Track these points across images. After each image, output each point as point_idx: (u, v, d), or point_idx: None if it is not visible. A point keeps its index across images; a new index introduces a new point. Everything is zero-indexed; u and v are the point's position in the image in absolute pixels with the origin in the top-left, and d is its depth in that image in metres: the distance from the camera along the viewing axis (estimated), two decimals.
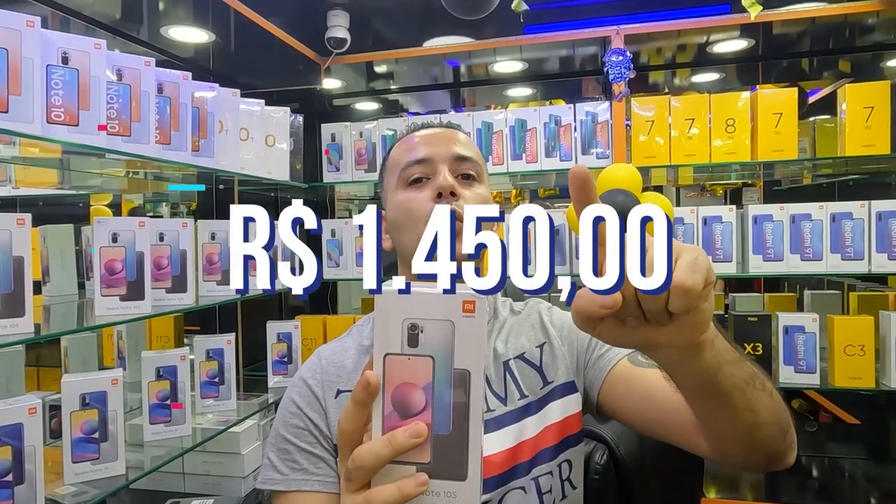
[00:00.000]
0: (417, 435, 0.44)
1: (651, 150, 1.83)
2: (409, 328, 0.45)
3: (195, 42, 1.90)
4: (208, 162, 1.48)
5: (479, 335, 0.45)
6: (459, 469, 0.45)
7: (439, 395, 0.45)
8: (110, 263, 1.25)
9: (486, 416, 0.84)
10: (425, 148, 0.87)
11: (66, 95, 1.12)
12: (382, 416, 0.46)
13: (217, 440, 1.60)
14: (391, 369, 0.45)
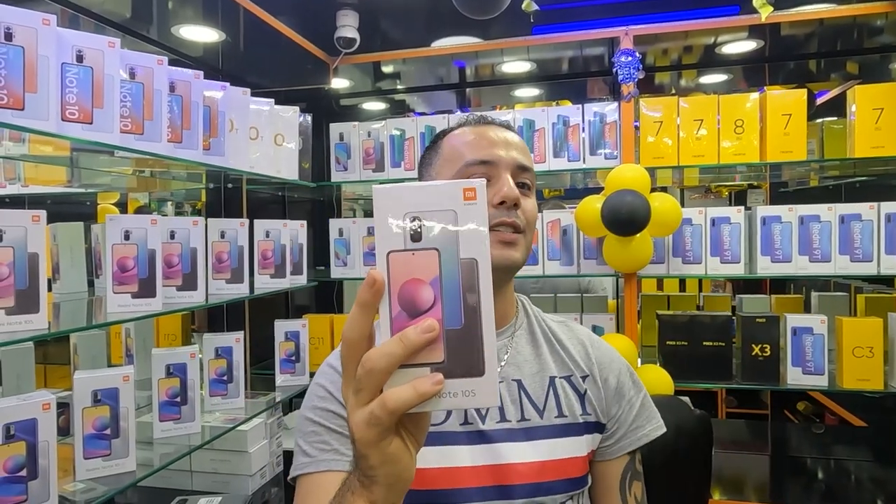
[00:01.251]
0: (429, 330, 0.41)
1: (659, 151, 1.83)
2: (410, 221, 0.43)
3: (205, 41, 1.90)
4: (219, 160, 1.49)
5: (483, 222, 0.43)
6: (476, 364, 0.43)
7: (448, 289, 0.43)
8: (122, 261, 1.25)
9: (519, 425, 0.84)
10: (492, 150, 0.86)
11: (80, 93, 1.12)
12: (390, 317, 0.43)
13: (224, 438, 1.61)
14: (396, 267, 0.43)
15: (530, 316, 0.95)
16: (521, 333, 0.91)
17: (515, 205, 0.83)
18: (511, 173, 0.85)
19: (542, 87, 2.52)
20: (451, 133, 0.92)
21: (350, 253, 2.08)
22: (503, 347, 0.90)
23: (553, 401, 0.87)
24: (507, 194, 0.82)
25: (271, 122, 1.75)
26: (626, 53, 1.74)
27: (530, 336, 0.92)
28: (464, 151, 0.86)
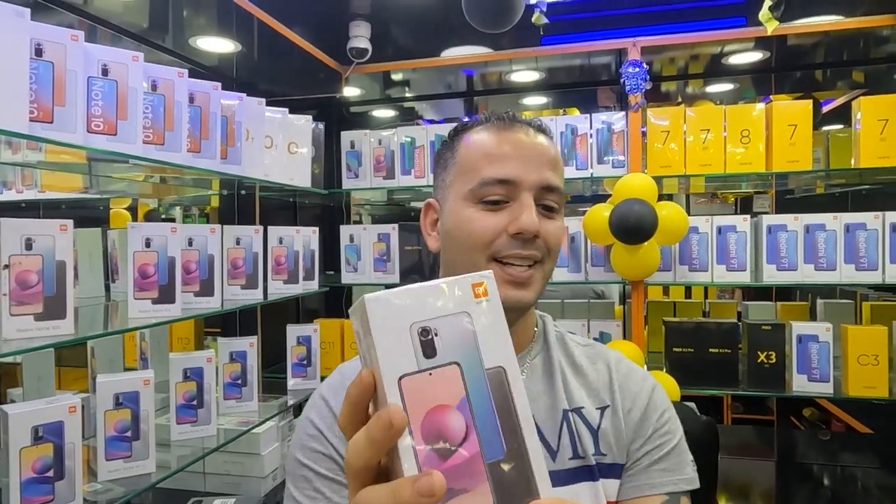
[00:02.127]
0: (429, 493, 0.32)
1: (666, 160, 1.85)
2: (419, 335, 0.36)
3: (220, 51, 1.94)
4: (236, 169, 1.53)
5: (501, 319, 0.38)
6: (530, 489, 0.36)
7: (480, 411, 0.36)
8: (143, 267, 1.29)
9: None
10: (513, 165, 0.74)
11: (105, 106, 1.16)
12: (417, 460, 0.35)
13: (238, 441, 1.64)
14: (412, 394, 0.35)
15: (550, 341, 0.84)
16: (535, 363, 0.82)
17: (536, 236, 0.73)
18: (535, 194, 0.74)
19: (550, 95, 2.55)
20: (469, 132, 0.79)
21: (361, 259, 2.12)
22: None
23: (567, 438, 0.76)
24: (524, 225, 0.71)
25: (285, 130, 1.79)
26: (634, 64, 1.77)
27: (546, 365, 0.82)
28: (480, 164, 0.75)
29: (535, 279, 0.74)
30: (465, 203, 0.75)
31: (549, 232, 0.75)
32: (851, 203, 2.87)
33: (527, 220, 0.71)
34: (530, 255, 0.73)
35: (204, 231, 1.45)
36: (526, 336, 0.83)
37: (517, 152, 0.75)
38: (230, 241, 1.64)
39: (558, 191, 0.76)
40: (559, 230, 0.77)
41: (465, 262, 0.75)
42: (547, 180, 0.75)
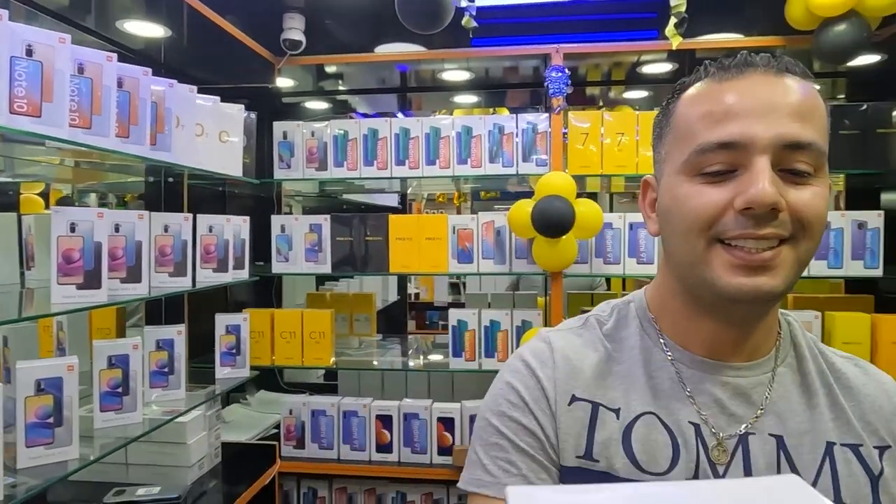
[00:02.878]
0: None
1: (585, 160, 1.99)
2: None
3: (147, 35, 1.91)
4: (165, 156, 1.52)
5: None
6: None
7: None
8: (68, 252, 1.27)
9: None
10: (739, 123, 0.57)
11: (29, 87, 1.14)
12: None
13: (163, 430, 1.63)
14: None
15: (800, 346, 0.68)
16: (784, 371, 0.66)
17: (774, 209, 0.56)
18: (774, 157, 0.57)
19: (480, 94, 2.65)
20: (687, 91, 0.65)
21: (292, 249, 2.13)
22: (758, 386, 0.64)
23: (828, 479, 0.60)
24: (753, 197, 0.56)
25: (216, 118, 1.78)
26: (557, 69, 1.89)
27: (800, 376, 0.66)
28: (698, 127, 0.60)
29: (779, 261, 0.57)
30: (681, 177, 0.61)
31: (801, 203, 0.57)
32: None
33: (757, 190, 0.55)
34: (767, 235, 0.57)
35: (132, 217, 1.44)
36: (768, 337, 0.67)
37: (746, 105, 0.58)
38: (158, 229, 1.63)
39: (810, 148, 0.57)
40: (816, 199, 0.58)
41: (683, 248, 0.61)
42: (789, 136, 0.57)
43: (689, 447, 0.63)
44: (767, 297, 0.59)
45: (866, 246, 1.88)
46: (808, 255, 0.59)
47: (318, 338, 2.12)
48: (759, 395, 0.64)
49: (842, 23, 1.61)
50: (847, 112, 1.90)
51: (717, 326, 0.65)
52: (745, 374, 0.65)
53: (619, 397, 0.66)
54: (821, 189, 0.59)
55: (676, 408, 0.64)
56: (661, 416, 0.64)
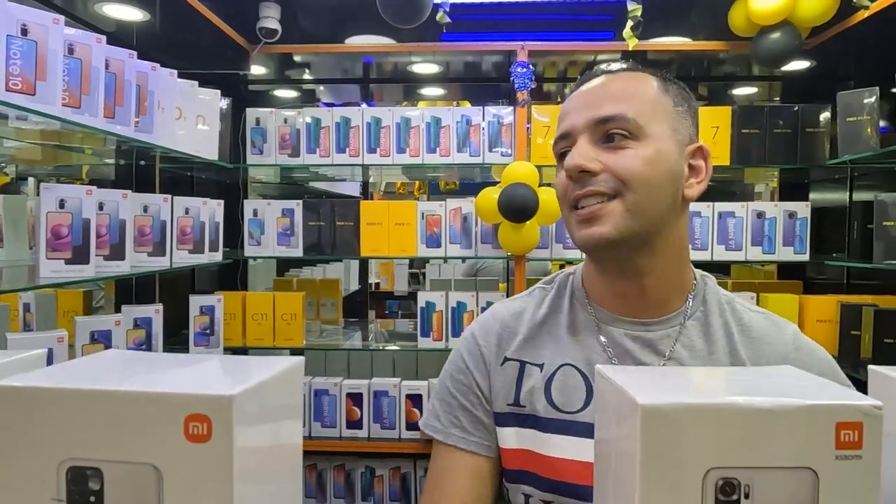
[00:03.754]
0: None
1: (547, 152, 2.12)
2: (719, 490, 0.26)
3: (121, 18, 1.92)
4: (148, 137, 1.56)
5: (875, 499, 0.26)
6: None
7: None
8: (56, 228, 1.31)
9: None
10: (570, 117, 0.75)
11: (24, 66, 1.18)
12: None
13: None
14: None
15: (709, 302, 0.78)
16: (692, 324, 0.77)
17: (585, 171, 0.70)
18: (589, 135, 0.72)
19: (446, 87, 2.75)
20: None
21: (264, 233, 2.19)
22: (665, 339, 0.76)
23: None
24: (567, 165, 0.72)
25: (193, 102, 1.82)
26: (522, 65, 2.01)
27: (704, 328, 0.77)
28: (558, 127, 0.78)
29: (606, 212, 0.70)
30: (558, 164, 0.78)
31: (615, 163, 0.70)
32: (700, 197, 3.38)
33: (568, 160, 0.72)
34: (588, 192, 0.71)
35: (116, 196, 1.48)
36: (677, 297, 0.77)
37: (575, 103, 0.75)
38: (137, 209, 1.66)
39: (618, 118, 0.71)
40: (629, 158, 0.70)
41: (563, 218, 0.79)
42: (599, 114, 0.71)
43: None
44: (602, 242, 0.71)
45: (796, 234, 2.09)
46: (636, 205, 0.71)
47: (289, 319, 2.19)
48: (665, 345, 0.76)
49: (776, 31, 1.79)
50: (781, 112, 2.10)
51: (609, 280, 0.79)
52: (654, 328, 0.77)
53: (545, 354, 0.81)
54: (641, 150, 0.71)
55: (594, 358, 0.77)
56: (579, 366, 0.78)
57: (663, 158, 0.72)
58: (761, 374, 0.39)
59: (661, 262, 0.75)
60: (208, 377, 0.40)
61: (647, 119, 0.72)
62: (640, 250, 0.74)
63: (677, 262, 0.77)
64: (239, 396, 0.33)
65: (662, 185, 0.72)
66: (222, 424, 0.33)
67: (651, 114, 0.73)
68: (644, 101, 0.74)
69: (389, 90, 3.08)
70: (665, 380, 0.35)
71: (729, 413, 0.27)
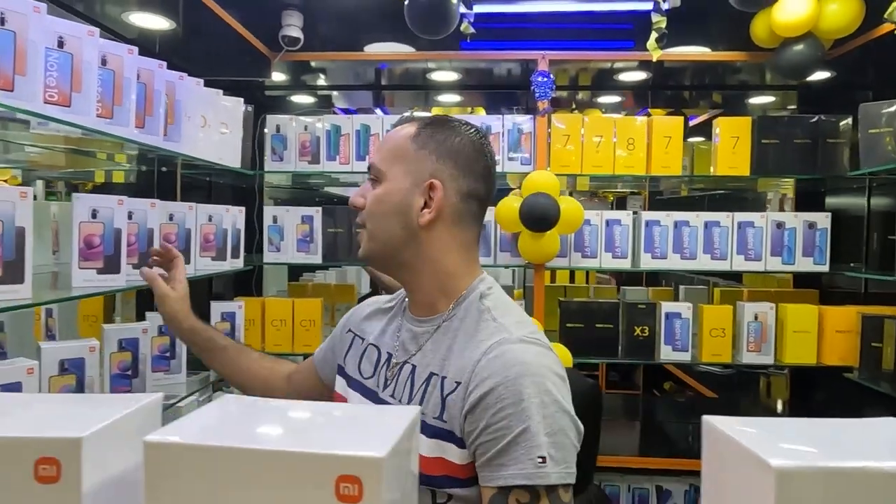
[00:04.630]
0: None
1: (566, 160, 2.13)
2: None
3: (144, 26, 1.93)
4: (175, 147, 1.57)
5: None
6: None
7: None
8: (89, 238, 1.32)
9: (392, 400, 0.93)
10: None
11: (60, 78, 1.18)
12: None
13: None
14: None
15: (462, 308, 0.92)
16: (446, 325, 0.92)
17: (356, 206, 0.96)
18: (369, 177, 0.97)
19: (462, 94, 2.76)
20: None
21: (284, 239, 2.19)
22: (424, 333, 0.93)
23: (419, 396, 0.88)
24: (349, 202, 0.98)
25: (217, 110, 1.83)
26: (543, 74, 2.02)
27: (445, 328, 0.92)
28: None
29: (362, 238, 0.96)
30: None
31: (367, 202, 0.94)
32: (708, 204, 3.38)
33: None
34: (357, 222, 0.97)
35: (145, 205, 1.49)
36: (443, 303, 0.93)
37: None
38: (163, 217, 1.67)
39: (371, 166, 0.96)
40: (371, 197, 0.94)
41: None
42: (368, 163, 1.00)
43: (380, 365, 0.99)
44: (361, 259, 0.99)
45: (815, 244, 2.09)
46: (372, 233, 0.94)
47: (308, 326, 2.20)
48: (423, 339, 0.94)
49: (799, 43, 1.80)
50: (800, 123, 2.10)
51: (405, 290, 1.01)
52: (420, 325, 0.96)
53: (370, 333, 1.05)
54: (377, 191, 0.94)
55: (388, 344, 1.00)
56: (379, 346, 1.01)
57: (391, 196, 0.93)
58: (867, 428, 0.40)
59: (416, 274, 0.95)
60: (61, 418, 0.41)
61: (388, 164, 0.94)
62: (394, 266, 0.97)
63: (432, 275, 0.94)
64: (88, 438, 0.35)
65: (389, 216, 0.93)
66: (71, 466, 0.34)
67: (391, 159, 0.94)
68: (390, 150, 0.95)
69: (402, 96, 3.09)
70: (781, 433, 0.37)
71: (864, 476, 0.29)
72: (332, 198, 3.93)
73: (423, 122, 0.96)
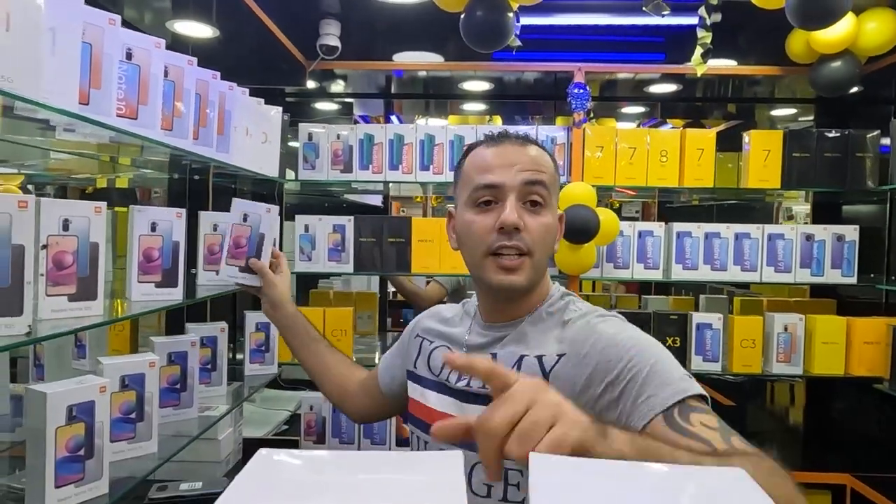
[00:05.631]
0: None
1: (598, 171, 2.14)
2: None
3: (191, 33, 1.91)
4: (225, 157, 1.55)
5: None
6: None
7: None
8: (148, 251, 1.30)
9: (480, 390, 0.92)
10: (496, 172, 0.91)
11: (128, 90, 1.17)
12: None
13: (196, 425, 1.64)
14: None
15: (557, 304, 0.96)
16: (524, 324, 0.96)
17: (517, 228, 0.88)
18: (517, 193, 0.89)
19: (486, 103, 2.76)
20: (472, 151, 0.97)
21: (315, 248, 2.18)
22: (506, 332, 0.96)
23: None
24: (504, 220, 0.88)
25: (258, 119, 1.82)
26: (579, 86, 2.03)
27: (533, 322, 0.96)
28: (475, 176, 0.93)
29: (524, 267, 0.90)
30: (467, 208, 0.95)
31: (531, 226, 0.90)
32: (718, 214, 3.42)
33: (505, 216, 0.89)
34: (514, 246, 0.89)
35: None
36: (525, 308, 0.97)
37: (501, 161, 0.92)
38: (207, 227, 1.65)
39: (540, 183, 0.91)
40: (542, 225, 0.91)
41: (472, 258, 0.95)
42: (528, 178, 0.90)
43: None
44: (517, 289, 0.92)
45: (844, 256, 2.12)
46: (539, 262, 0.92)
47: (339, 335, 2.18)
48: (505, 337, 0.96)
49: (837, 60, 1.83)
50: (830, 137, 2.13)
51: (490, 302, 1.00)
52: (500, 330, 0.97)
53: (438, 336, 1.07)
54: (547, 217, 0.92)
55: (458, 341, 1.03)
56: (449, 346, 1.04)
57: (554, 225, 0.95)
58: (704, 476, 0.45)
59: (526, 299, 0.96)
60: None
61: (551, 190, 0.93)
62: (526, 294, 0.95)
63: (536, 295, 0.97)
64: None
65: (551, 246, 0.95)
66: None
67: (552, 185, 0.94)
68: (550, 173, 0.94)
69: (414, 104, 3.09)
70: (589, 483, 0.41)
71: None
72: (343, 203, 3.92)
73: (537, 143, 0.97)
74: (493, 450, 0.56)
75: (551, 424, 0.56)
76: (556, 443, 0.55)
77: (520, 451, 0.54)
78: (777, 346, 2.13)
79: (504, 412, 0.56)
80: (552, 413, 0.57)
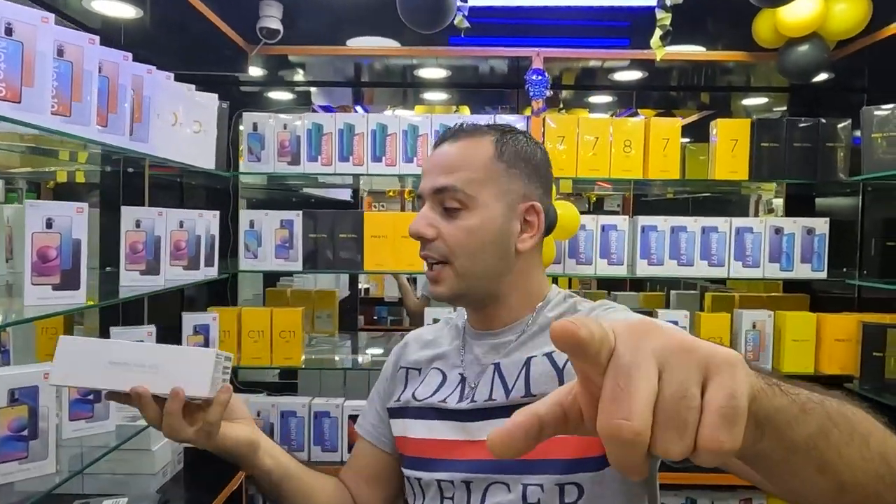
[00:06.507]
0: None
1: (561, 163, 2.03)
2: None
3: (109, 14, 1.77)
4: (143, 147, 1.43)
5: None
6: None
7: None
8: (43, 250, 1.17)
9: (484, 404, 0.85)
10: (424, 179, 0.87)
11: (8, 70, 1.04)
12: None
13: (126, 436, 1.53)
14: None
15: (560, 305, 0.90)
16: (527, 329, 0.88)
17: (425, 237, 0.83)
18: (431, 201, 0.84)
19: (448, 92, 2.65)
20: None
21: (261, 245, 2.06)
22: (506, 339, 0.89)
23: (522, 381, 0.84)
24: (409, 229, 0.84)
25: (190, 108, 1.69)
26: (537, 73, 1.92)
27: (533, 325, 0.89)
28: None
29: (443, 276, 0.84)
30: None
31: (445, 232, 0.83)
32: (693, 207, 3.34)
33: (410, 225, 0.85)
34: (425, 255, 0.85)
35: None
36: (520, 312, 0.89)
37: (428, 166, 0.87)
38: (129, 224, 1.53)
39: (449, 189, 0.82)
40: (459, 229, 0.82)
41: None
42: (437, 184, 0.83)
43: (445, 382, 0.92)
44: (443, 299, 0.86)
45: (814, 250, 2.04)
46: (464, 269, 0.84)
47: (287, 336, 2.06)
48: (506, 343, 0.89)
49: (805, 43, 1.73)
50: (800, 126, 2.04)
51: (469, 311, 0.93)
52: (498, 337, 0.90)
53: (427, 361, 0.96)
54: (468, 220, 0.83)
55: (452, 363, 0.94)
56: (442, 369, 0.94)
57: (488, 224, 0.83)
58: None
59: (503, 300, 0.88)
60: None
61: (477, 188, 0.83)
62: (481, 299, 0.88)
63: (521, 296, 0.89)
64: None
65: (486, 248, 0.84)
66: None
67: (481, 181, 0.83)
68: (475, 170, 0.84)
69: (383, 93, 2.96)
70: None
71: None
72: (310, 198, 3.78)
73: (497, 134, 0.87)
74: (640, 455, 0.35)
75: (703, 381, 0.36)
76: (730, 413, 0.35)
77: (681, 446, 0.34)
78: (745, 344, 2.04)
79: (630, 396, 0.34)
80: (696, 363, 0.36)
